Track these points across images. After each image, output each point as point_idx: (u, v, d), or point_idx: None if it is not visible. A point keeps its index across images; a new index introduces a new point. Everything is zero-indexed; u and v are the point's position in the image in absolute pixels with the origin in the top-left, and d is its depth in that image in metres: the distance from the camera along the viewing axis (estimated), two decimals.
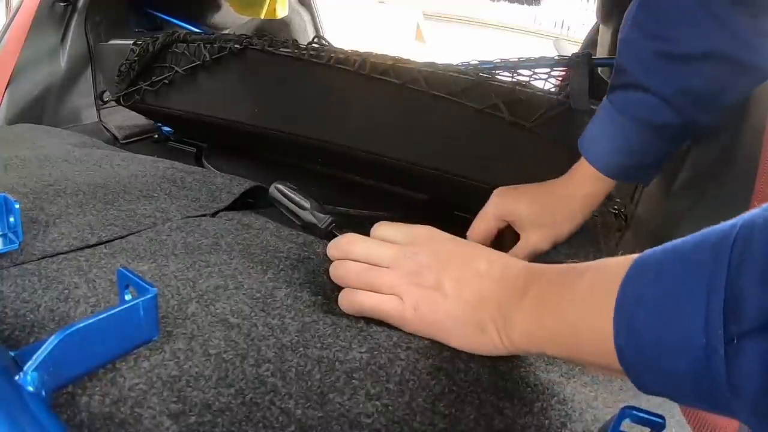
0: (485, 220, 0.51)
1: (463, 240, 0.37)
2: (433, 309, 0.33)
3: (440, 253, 0.35)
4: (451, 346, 0.34)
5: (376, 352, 0.32)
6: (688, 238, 0.24)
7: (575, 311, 0.28)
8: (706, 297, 0.21)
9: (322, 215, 0.47)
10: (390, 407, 0.29)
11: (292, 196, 0.49)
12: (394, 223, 0.38)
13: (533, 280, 0.32)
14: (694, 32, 0.41)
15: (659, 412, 0.31)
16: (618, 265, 0.26)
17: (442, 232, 0.37)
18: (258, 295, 0.36)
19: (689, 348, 0.22)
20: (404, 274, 0.34)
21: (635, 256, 0.26)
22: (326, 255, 0.42)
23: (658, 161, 0.48)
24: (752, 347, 0.20)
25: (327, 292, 0.38)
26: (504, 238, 0.51)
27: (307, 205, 0.47)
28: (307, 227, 0.47)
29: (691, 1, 0.41)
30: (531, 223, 0.49)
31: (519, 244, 0.49)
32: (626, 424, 0.27)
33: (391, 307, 0.34)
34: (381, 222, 0.38)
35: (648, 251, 0.26)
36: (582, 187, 0.49)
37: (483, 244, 0.37)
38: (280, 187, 0.50)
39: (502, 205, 0.50)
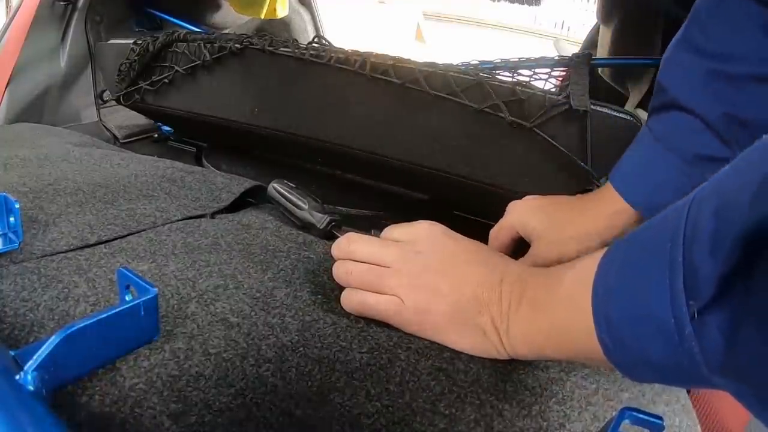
0: (499, 231, 0.50)
1: (464, 239, 0.37)
2: (433, 312, 0.33)
3: (442, 254, 0.35)
4: (452, 348, 0.34)
5: (376, 353, 0.32)
6: (651, 220, 0.24)
7: (563, 311, 0.28)
8: (669, 279, 0.21)
9: (320, 215, 0.46)
10: (390, 408, 0.29)
11: (290, 196, 0.48)
12: (400, 224, 0.38)
13: (528, 283, 0.32)
14: (756, 50, 0.37)
15: (664, 397, 0.31)
16: (593, 261, 0.27)
17: (444, 228, 0.37)
18: (258, 294, 0.36)
19: (662, 332, 0.22)
20: (405, 275, 0.34)
21: (607, 248, 0.26)
22: (326, 254, 0.42)
23: None
24: (711, 320, 0.20)
25: (327, 291, 0.38)
26: (523, 249, 0.51)
27: (304, 205, 0.47)
28: (307, 227, 0.47)
29: (754, 17, 0.37)
30: (539, 236, 0.48)
31: (527, 254, 0.49)
32: (625, 425, 0.27)
33: (391, 309, 0.34)
34: (390, 226, 0.39)
35: (617, 241, 0.26)
36: (607, 207, 0.45)
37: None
38: (278, 186, 0.49)
39: (516, 216, 0.49)
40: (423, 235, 0.36)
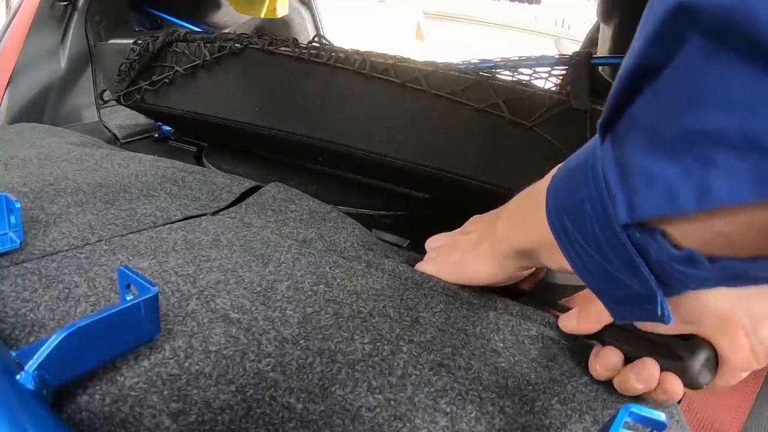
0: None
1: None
2: (448, 256, 0.43)
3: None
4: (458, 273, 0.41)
5: (378, 344, 0.32)
6: None
7: (527, 196, 0.35)
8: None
9: None
10: (392, 401, 0.29)
11: None
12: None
13: (505, 207, 0.39)
14: None
15: (660, 412, 0.31)
16: None
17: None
18: (259, 288, 0.36)
19: (584, 169, 0.26)
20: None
21: None
22: (328, 250, 0.42)
23: None
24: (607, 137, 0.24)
25: (329, 280, 0.38)
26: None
27: None
28: None
29: None
30: None
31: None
32: (627, 423, 0.27)
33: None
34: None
35: None
36: None
37: None
38: None
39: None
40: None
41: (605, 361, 0.33)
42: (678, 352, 0.31)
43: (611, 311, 0.29)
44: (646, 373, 0.31)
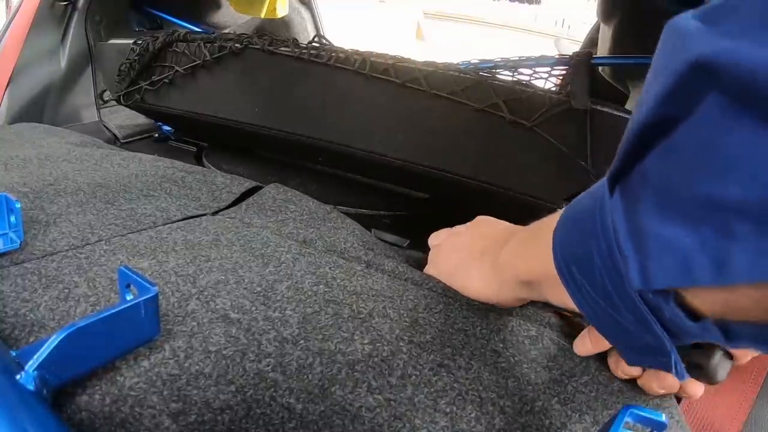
0: None
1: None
2: (448, 258, 0.43)
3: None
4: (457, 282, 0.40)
5: (378, 344, 0.32)
6: None
7: (533, 231, 0.35)
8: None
9: None
10: (392, 402, 0.29)
11: None
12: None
13: (517, 230, 0.39)
14: None
15: (660, 413, 0.31)
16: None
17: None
18: (259, 288, 0.36)
19: (592, 207, 0.25)
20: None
21: None
22: (328, 251, 0.42)
23: None
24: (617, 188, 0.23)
25: (329, 280, 0.38)
26: None
27: None
28: None
29: None
30: None
31: None
32: (627, 423, 0.27)
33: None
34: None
35: None
36: None
37: None
38: None
39: None
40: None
41: (626, 368, 0.34)
42: (695, 360, 0.32)
43: (622, 355, 0.28)
44: (668, 383, 0.33)
